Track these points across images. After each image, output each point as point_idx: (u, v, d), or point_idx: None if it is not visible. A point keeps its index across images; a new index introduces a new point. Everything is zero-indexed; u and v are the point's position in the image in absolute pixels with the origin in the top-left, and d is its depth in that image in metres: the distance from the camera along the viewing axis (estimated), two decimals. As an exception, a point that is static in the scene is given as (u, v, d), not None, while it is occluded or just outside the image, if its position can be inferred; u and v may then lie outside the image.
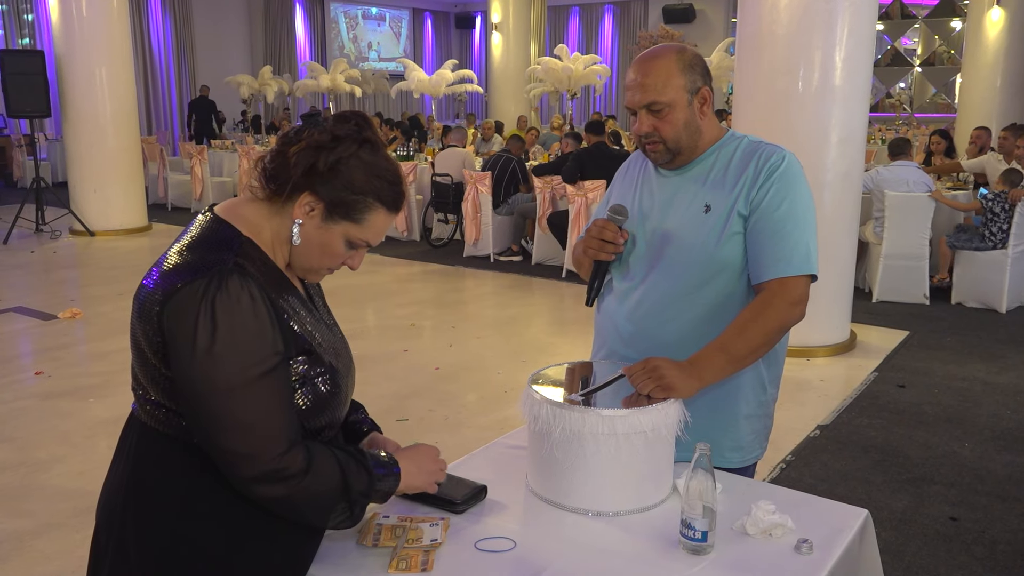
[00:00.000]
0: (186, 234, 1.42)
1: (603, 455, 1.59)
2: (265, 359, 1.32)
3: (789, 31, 4.99)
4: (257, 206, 1.43)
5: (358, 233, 1.43)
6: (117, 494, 1.43)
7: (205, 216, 1.44)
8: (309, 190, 1.38)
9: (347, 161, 1.38)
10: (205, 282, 1.30)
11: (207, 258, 1.34)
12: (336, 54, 21.12)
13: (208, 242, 1.38)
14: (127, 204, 9.90)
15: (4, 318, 6.34)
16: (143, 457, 1.42)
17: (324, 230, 1.41)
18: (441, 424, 4.31)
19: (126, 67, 9.73)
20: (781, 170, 1.83)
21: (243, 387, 1.30)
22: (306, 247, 1.43)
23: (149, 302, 1.34)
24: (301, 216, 1.40)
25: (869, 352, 5.53)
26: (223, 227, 1.40)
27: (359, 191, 1.40)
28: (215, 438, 1.32)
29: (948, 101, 20.28)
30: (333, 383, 1.45)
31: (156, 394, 1.39)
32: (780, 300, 1.78)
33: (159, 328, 1.32)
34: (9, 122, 14.84)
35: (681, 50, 1.88)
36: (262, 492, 1.33)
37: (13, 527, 3.27)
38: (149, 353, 1.36)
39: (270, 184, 1.41)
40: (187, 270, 1.33)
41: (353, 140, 1.39)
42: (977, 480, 3.70)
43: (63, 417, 4.39)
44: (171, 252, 1.39)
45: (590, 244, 1.92)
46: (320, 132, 1.39)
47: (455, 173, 8.97)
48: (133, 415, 1.47)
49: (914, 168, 6.82)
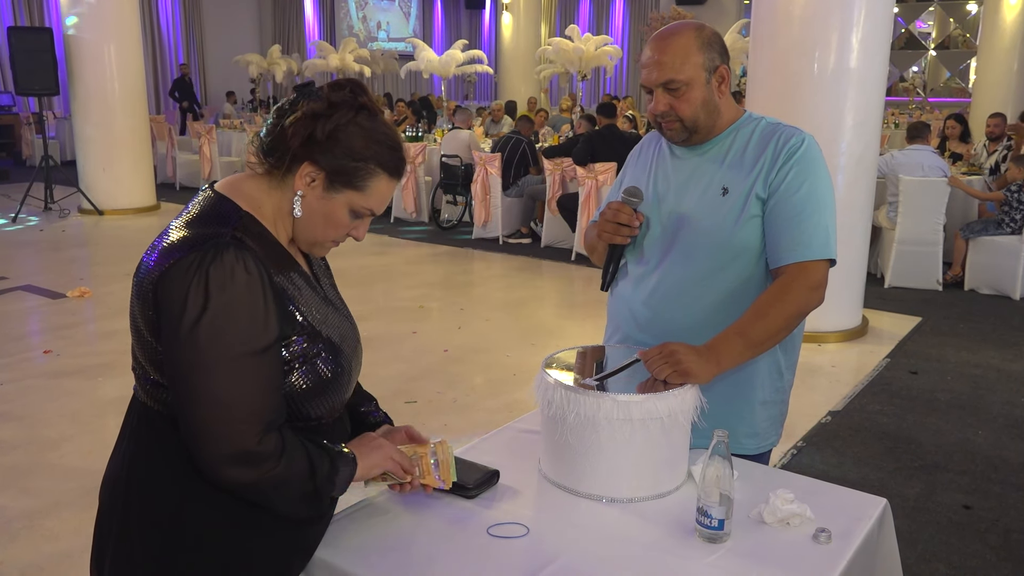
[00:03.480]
0: (186, 211, 1.39)
1: (618, 441, 1.56)
2: (254, 338, 1.29)
3: (805, 12, 4.92)
4: (257, 181, 1.40)
5: (361, 201, 1.40)
6: (119, 475, 1.41)
7: (205, 192, 1.41)
8: (309, 160, 1.35)
9: (345, 128, 1.35)
10: (200, 255, 1.27)
11: (205, 232, 1.31)
12: (345, 33, 21.03)
13: (207, 217, 1.35)
14: (136, 183, 9.88)
15: (13, 296, 6.35)
16: (144, 438, 1.39)
17: (327, 200, 1.38)
18: (450, 406, 4.30)
19: (134, 45, 9.68)
20: (801, 152, 1.79)
21: (227, 363, 1.26)
22: (309, 219, 1.40)
23: (146, 279, 1.32)
24: (302, 187, 1.37)
25: (881, 338, 5.48)
26: (223, 202, 1.37)
27: (360, 157, 1.36)
28: (189, 412, 1.28)
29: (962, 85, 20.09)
30: (336, 364, 1.42)
31: (154, 373, 1.36)
32: (799, 284, 1.75)
33: (153, 303, 1.30)
34: (18, 100, 14.83)
35: (699, 27, 1.83)
36: (230, 475, 1.29)
37: (22, 505, 3.27)
38: (146, 331, 1.33)
39: (268, 158, 1.38)
40: (184, 245, 1.29)
41: (350, 106, 1.36)
42: (991, 468, 3.67)
43: (71, 396, 4.39)
44: (171, 228, 1.36)
45: (605, 228, 1.88)
46: (315, 101, 1.36)
47: (463, 154, 8.92)
48: (135, 396, 1.44)
49: (930, 152, 6.73)
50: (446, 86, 16.53)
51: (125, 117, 9.57)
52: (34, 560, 2.92)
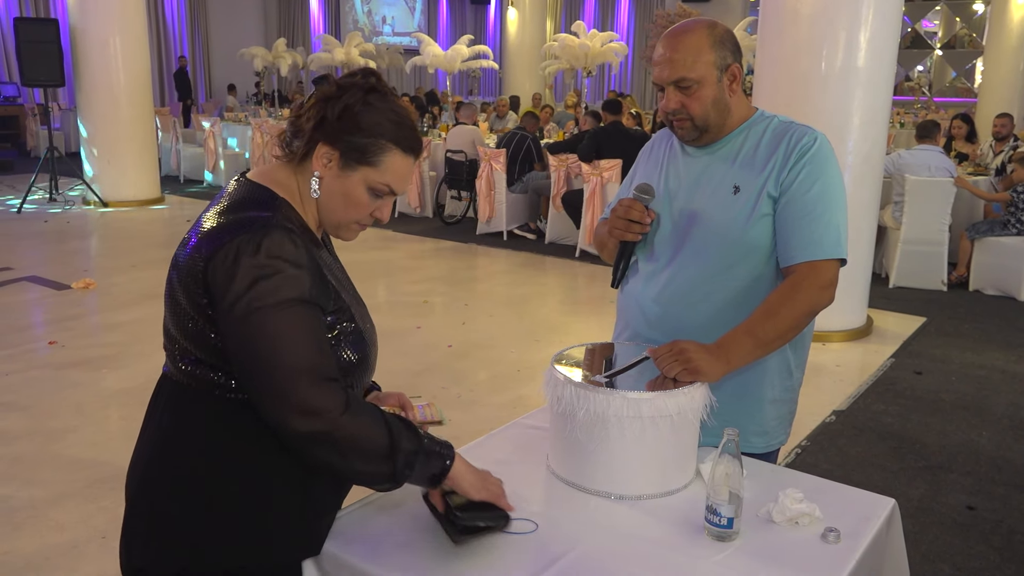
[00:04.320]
0: (220, 199, 1.44)
1: (627, 438, 1.56)
2: (309, 308, 1.34)
3: (814, 10, 4.90)
4: (284, 169, 1.47)
5: (378, 177, 1.43)
6: (152, 456, 1.44)
7: (238, 181, 1.47)
8: (323, 140, 1.41)
9: (354, 107, 1.40)
10: (250, 235, 1.32)
11: (249, 216, 1.36)
12: (350, 27, 21.01)
13: (247, 203, 1.40)
14: (140, 175, 9.89)
15: (18, 287, 6.35)
16: (176, 414, 1.43)
17: (344, 179, 1.43)
18: (454, 402, 4.30)
19: (140, 37, 9.68)
20: (813, 151, 1.79)
21: (283, 312, 1.31)
22: (329, 199, 1.45)
23: (192, 262, 1.35)
24: (319, 168, 1.43)
25: (886, 338, 5.48)
26: (259, 189, 1.43)
27: (371, 134, 1.41)
28: (256, 377, 1.32)
29: (968, 85, 20.04)
30: (359, 351, 1.46)
31: (194, 349, 1.39)
32: (810, 283, 1.75)
33: (204, 283, 1.33)
34: (23, 91, 14.84)
35: (712, 25, 1.82)
36: (296, 427, 1.31)
37: (28, 495, 3.28)
38: (195, 314, 1.36)
39: (289, 147, 1.46)
40: (231, 228, 1.35)
41: (359, 88, 1.42)
42: (995, 469, 3.67)
43: (76, 387, 4.39)
44: (207, 216, 1.41)
45: (616, 224, 1.88)
46: (327, 85, 1.43)
47: (468, 150, 8.91)
48: (165, 377, 1.48)
49: (937, 153, 6.72)
50: (451, 81, 16.50)
51: (130, 109, 9.58)
52: (39, 550, 2.92)
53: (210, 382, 1.39)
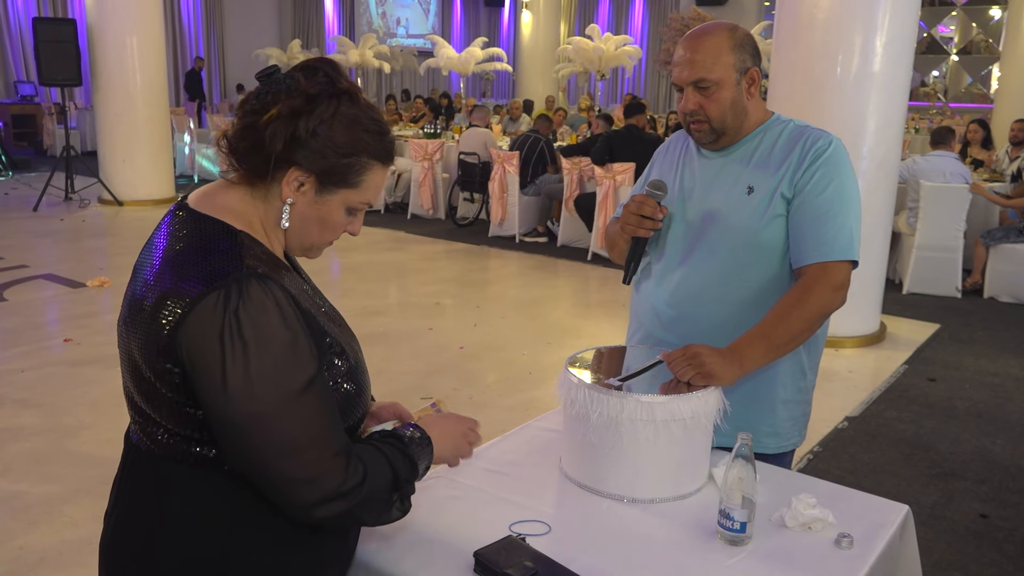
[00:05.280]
0: (165, 240, 1.23)
1: (640, 441, 1.56)
2: (303, 368, 1.17)
3: (829, 15, 4.89)
4: (236, 192, 1.25)
5: (357, 197, 1.27)
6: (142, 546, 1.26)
7: (179, 215, 1.24)
8: (295, 164, 1.21)
9: (330, 122, 1.21)
10: (222, 295, 1.13)
11: (211, 266, 1.16)
12: (364, 29, 21.08)
13: (201, 247, 1.18)
14: (155, 174, 9.95)
15: (33, 285, 6.41)
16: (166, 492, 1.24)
17: (321, 204, 1.25)
18: (466, 403, 4.30)
19: (156, 37, 9.75)
20: (828, 154, 1.80)
21: (290, 405, 1.16)
22: (302, 226, 1.27)
23: (151, 328, 1.16)
24: (291, 195, 1.23)
25: (899, 344, 5.45)
26: (208, 224, 1.21)
27: (350, 152, 1.23)
28: (265, 467, 1.17)
29: (984, 91, 19.91)
30: (353, 380, 1.32)
31: (168, 423, 1.21)
32: (821, 285, 1.75)
33: (173, 356, 1.15)
34: (40, 90, 14.96)
35: (732, 28, 1.84)
36: (325, 513, 1.19)
37: (43, 491, 3.30)
38: (160, 384, 1.18)
39: (244, 164, 1.23)
40: (193, 282, 1.14)
41: (330, 96, 1.21)
42: (1008, 477, 3.64)
43: (91, 384, 4.43)
44: (155, 265, 1.20)
45: (628, 220, 1.88)
46: (290, 95, 1.20)
47: (481, 152, 8.93)
48: (136, 448, 1.28)
49: (953, 159, 6.68)
50: (464, 83, 16.53)
51: (146, 108, 9.65)
52: (54, 545, 2.95)
53: (197, 456, 1.21)
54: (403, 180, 10.25)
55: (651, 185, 1.88)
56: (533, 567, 1.35)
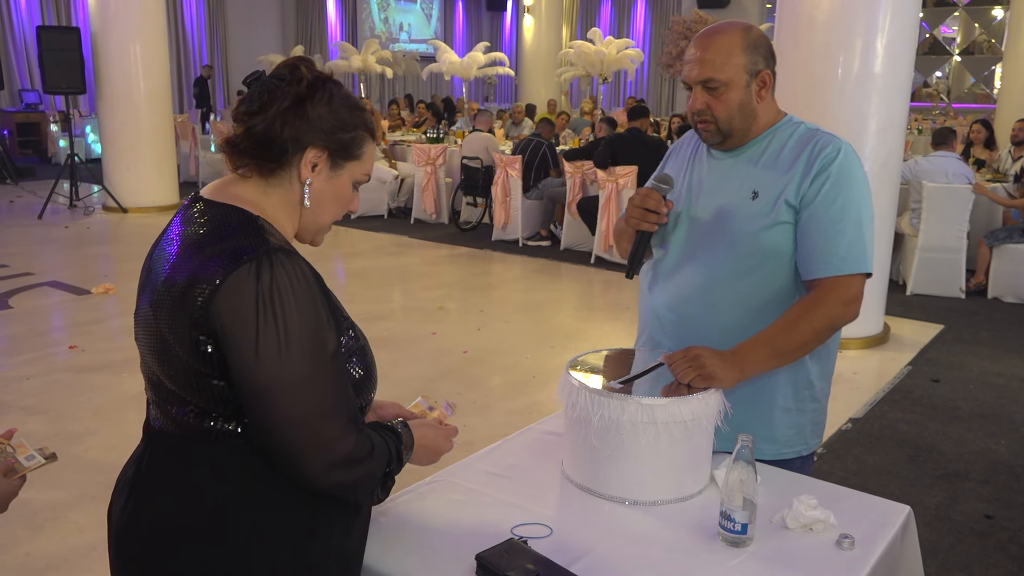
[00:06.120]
0: (185, 227, 1.30)
1: (642, 444, 1.57)
2: (330, 339, 1.26)
3: (830, 17, 4.90)
4: (249, 184, 1.34)
5: (360, 169, 1.40)
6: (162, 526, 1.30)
7: (196, 207, 1.32)
8: (309, 145, 1.32)
9: (328, 103, 1.33)
10: (253, 266, 1.20)
11: (238, 243, 1.23)
12: (367, 34, 21.13)
13: (225, 228, 1.26)
14: (159, 181, 9.99)
15: (38, 292, 6.43)
16: (192, 472, 1.29)
17: (334, 179, 1.37)
18: (469, 407, 4.31)
19: (160, 45, 9.79)
20: (837, 163, 1.75)
21: (313, 373, 1.23)
22: (319, 204, 1.37)
23: (184, 303, 1.22)
24: (308, 175, 1.34)
25: (903, 345, 5.45)
26: (229, 210, 1.30)
27: (351, 127, 1.35)
28: (286, 432, 1.23)
29: (987, 91, 19.89)
30: (363, 364, 1.38)
31: (195, 399, 1.27)
32: (833, 298, 1.73)
33: (206, 328, 1.21)
34: (44, 98, 15.02)
35: (747, 28, 1.81)
36: (335, 479, 1.26)
37: (48, 498, 3.32)
38: (185, 355, 1.24)
39: (255, 159, 1.32)
40: (223, 258, 1.21)
41: (322, 82, 1.34)
42: (1013, 478, 3.64)
43: (96, 391, 4.44)
44: (186, 247, 1.26)
45: (632, 213, 1.85)
46: (287, 88, 1.30)
47: (483, 157, 8.94)
48: (158, 436, 1.34)
49: (955, 159, 6.68)
50: (467, 88, 16.56)
51: (150, 116, 9.69)
52: (60, 552, 2.96)
53: (220, 433, 1.28)
54: (406, 185, 10.27)
55: (657, 179, 1.86)
56: (535, 570, 1.36)
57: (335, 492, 1.31)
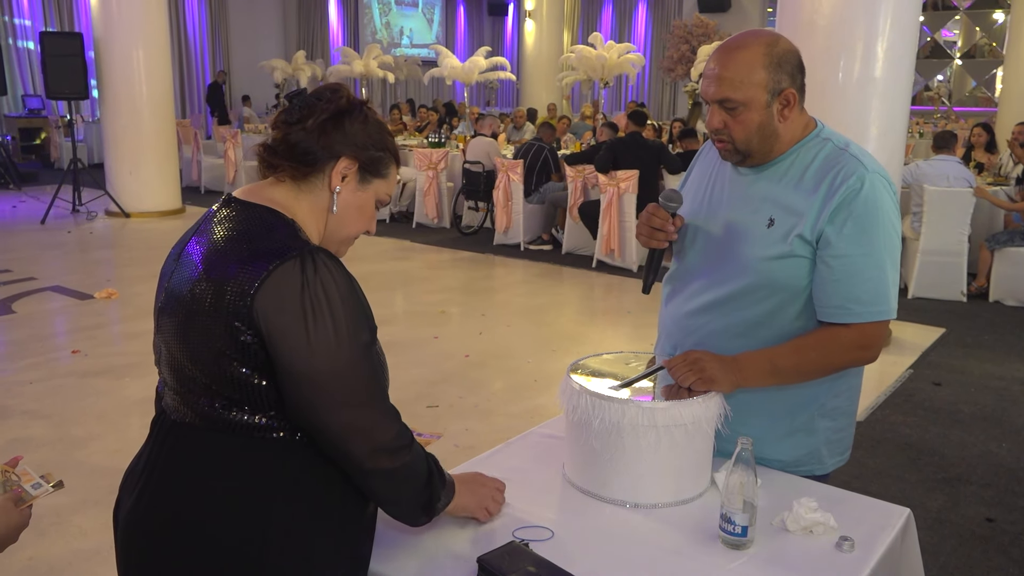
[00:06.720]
0: (220, 224, 1.36)
1: (642, 447, 1.58)
2: (369, 326, 1.35)
3: (830, 21, 4.91)
4: (282, 188, 1.40)
5: (384, 188, 1.47)
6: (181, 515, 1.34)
7: (231, 207, 1.38)
8: (344, 155, 1.40)
9: (365, 122, 1.42)
10: (298, 262, 1.27)
11: (279, 242, 1.30)
12: (369, 39, 21.15)
13: (264, 227, 1.33)
14: (162, 186, 10.00)
15: (41, 297, 6.45)
16: (213, 461, 1.33)
17: (360, 192, 1.44)
18: (471, 411, 4.32)
19: (162, 50, 9.81)
20: (861, 198, 1.62)
21: (360, 360, 1.31)
22: (344, 214, 1.43)
23: (225, 298, 1.27)
24: (338, 183, 1.41)
25: (904, 349, 5.45)
26: (265, 211, 1.36)
27: (381, 147, 1.44)
28: (335, 418, 1.29)
29: (988, 95, 19.89)
30: (384, 362, 1.44)
31: (226, 390, 1.30)
32: (851, 343, 1.66)
33: (249, 322, 1.26)
34: (47, 104, 15.06)
35: (772, 42, 1.66)
36: (380, 463, 1.33)
37: (51, 502, 3.31)
38: (225, 348, 1.28)
39: (291, 164, 1.39)
40: (266, 255, 1.28)
41: (361, 104, 1.44)
42: (1014, 481, 3.64)
43: (99, 395, 4.45)
44: (227, 244, 1.32)
45: (640, 231, 1.80)
46: (331, 99, 1.40)
47: (485, 161, 8.96)
48: (177, 428, 1.37)
49: (956, 163, 6.69)
50: (468, 93, 16.58)
51: (152, 121, 9.71)
52: (63, 556, 2.97)
53: (245, 425, 1.32)
54: (408, 189, 10.29)
55: (663, 196, 1.79)
56: (536, 572, 1.37)
57: (378, 480, 1.36)
